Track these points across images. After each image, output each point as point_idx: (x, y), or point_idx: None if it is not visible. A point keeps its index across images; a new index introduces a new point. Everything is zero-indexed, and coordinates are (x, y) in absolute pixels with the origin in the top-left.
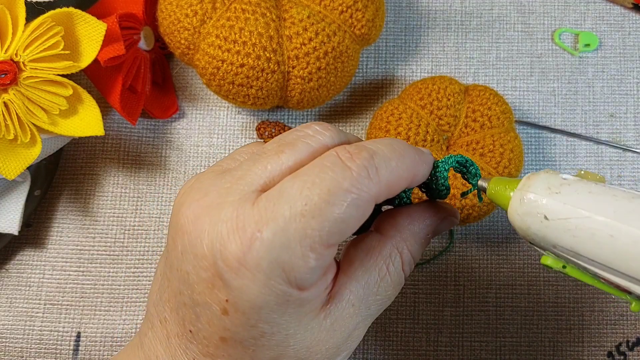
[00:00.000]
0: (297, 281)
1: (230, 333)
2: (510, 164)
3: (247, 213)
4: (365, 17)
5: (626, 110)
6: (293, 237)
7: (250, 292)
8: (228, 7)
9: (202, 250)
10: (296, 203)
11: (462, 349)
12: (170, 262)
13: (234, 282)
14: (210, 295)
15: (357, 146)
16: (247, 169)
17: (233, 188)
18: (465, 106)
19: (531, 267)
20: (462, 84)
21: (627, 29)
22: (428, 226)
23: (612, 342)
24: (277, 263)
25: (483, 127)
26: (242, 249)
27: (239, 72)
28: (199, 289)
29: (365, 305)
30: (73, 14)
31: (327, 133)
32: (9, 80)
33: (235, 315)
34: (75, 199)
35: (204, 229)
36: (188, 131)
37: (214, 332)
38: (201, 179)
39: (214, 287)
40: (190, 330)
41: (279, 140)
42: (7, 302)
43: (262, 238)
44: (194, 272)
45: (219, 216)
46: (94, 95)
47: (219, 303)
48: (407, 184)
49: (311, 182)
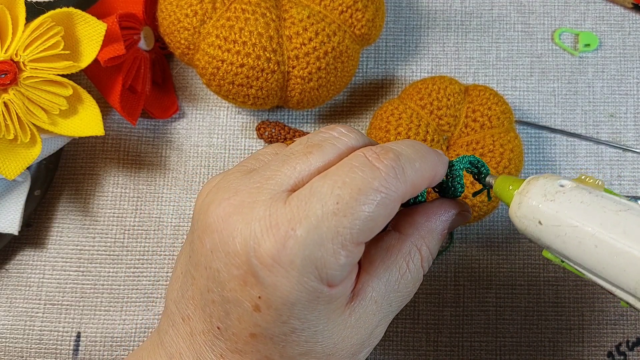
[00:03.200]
0: (328, 278)
1: (260, 329)
2: (510, 164)
3: (280, 212)
4: (365, 17)
5: (626, 110)
6: (326, 235)
7: (284, 288)
8: (228, 7)
9: (234, 248)
10: (328, 202)
11: (462, 349)
12: (196, 260)
13: (268, 279)
14: (242, 292)
15: (383, 147)
16: (276, 169)
17: (263, 187)
18: (465, 106)
19: (531, 267)
20: (462, 84)
21: (627, 29)
22: (444, 222)
23: (612, 342)
24: (310, 260)
25: (483, 127)
26: (276, 246)
27: (239, 72)
28: (230, 286)
29: (387, 301)
30: (73, 14)
31: (352, 135)
32: (9, 80)
33: (268, 311)
34: (75, 199)
35: (236, 227)
36: (188, 131)
37: (244, 329)
38: (228, 177)
39: (246, 284)
40: (218, 327)
41: (306, 141)
42: (7, 302)
43: (295, 236)
44: (225, 270)
45: (252, 215)
46: (94, 95)
47: (250, 300)
48: (428, 184)
49: (342, 181)
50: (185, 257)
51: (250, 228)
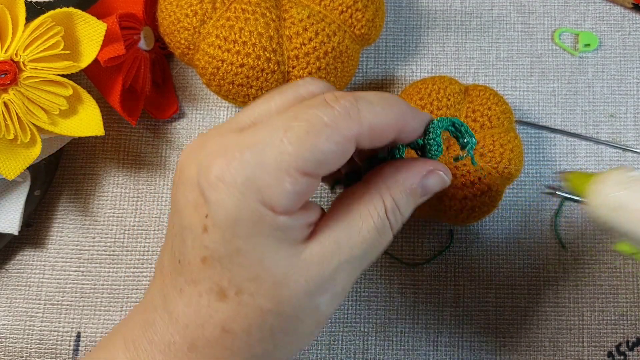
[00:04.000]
0: (271, 202)
1: (209, 251)
2: (510, 164)
3: (231, 139)
4: (365, 17)
5: (626, 110)
6: (269, 158)
7: (226, 205)
8: (228, 7)
9: (189, 174)
10: (277, 130)
11: (462, 349)
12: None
13: (212, 196)
14: (194, 215)
15: (344, 92)
16: (238, 114)
17: (224, 127)
18: (465, 106)
19: (531, 267)
20: (462, 84)
21: (627, 29)
22: (414, 176)
23: (612, 342)
24: (252, 181)
25: (483, 127)
26: (221, 167)
27: (238, 72)
28: (186, 211)
29: (348, 246)
30: (73, 14)
31: (316, 82)
32: (9, 80)
33: (213, 230)
34: (75, 199)
35: (194, 158)
36: (188, 131)
37: (196, 254)
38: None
39: (196, 206)
40: (178, 260)
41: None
42: (7, 302)
43: (240, 158)
44: (183, 197)
45: (208, 146)
46: (94, 95)
47: (200, 221)
48: (395, 133)
49: (294, 115)
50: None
51: (204, 155)
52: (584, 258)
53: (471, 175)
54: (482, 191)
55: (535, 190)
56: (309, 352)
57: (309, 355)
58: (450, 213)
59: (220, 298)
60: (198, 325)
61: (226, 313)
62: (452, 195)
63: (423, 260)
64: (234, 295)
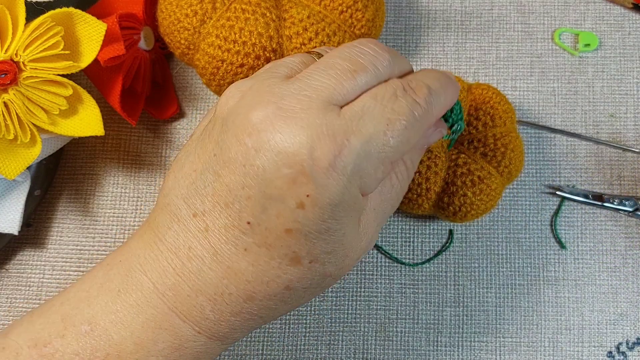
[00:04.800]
0: (365, 188)
1: (299, 225)
2: (510, 164)
3: (335, 122)
4: (365, 17)
5: (626, 110)
6: (374, 150)
7: (333, 190)
8: (228, 7)
9: (289, 148)
10: (380, 123)
11: (462, 349)
12: (227, 158)
13: (321, 180)
14: (288, 189)
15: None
16: (322, 80)
17: (314, 97)
18: (468, 104)
19: (531, 267)
20: (465, 82)
21: (627, 29)
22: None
23: (612, 342)
24: (358, 169)
25: (485, 126)
26: (333, 152)
27: (238, 72)
28: (276, 183)
29: (381, 209)
30: (73, 14)
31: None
32: (9, 80)
33: (312, 209)
34: (75, 199)
35: (291, 130)
36: (188, 131)
37: (281, 224)
38: (266, 82)
39: (295, 182)
40: (248, 222)
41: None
42: (7, 302)
43: (350, 145)
44: (273, 168)
45: (307, 121)
46: (94, 95)
47: (297, 197)
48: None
49: (391, 108)
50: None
51: (307, 133)
52: (584, 258)
53: (471, 174)
54: (482, 190)
55: (535, 190)
56: (309, 352)
57: (309, 355)
58: (449, 210)
59: (293, 264)
60: (262, 282)
61: (295, 275)
62: (452, 193)
63: (423, 260)
64: (308, 263)
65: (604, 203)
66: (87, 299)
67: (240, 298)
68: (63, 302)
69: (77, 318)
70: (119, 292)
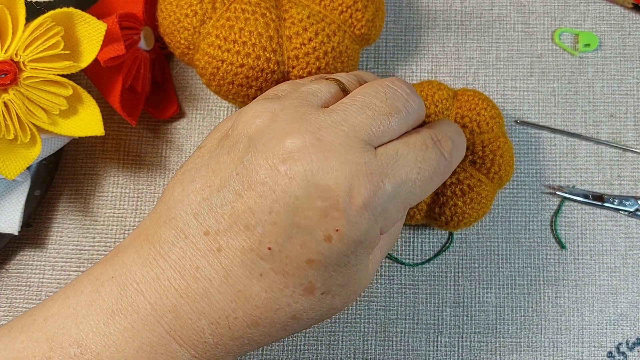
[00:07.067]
0: (384, 229)
1: (321, 257)
2: (500, 170)
3: (373, 163)
4: (365, 17)
5: (626, 110)
6: (402, 195)
7: (361, 228)
8: (228, 7)
9: (326, 182)
10: (411, 170)
11: (462, 349)
12: (254, 180)
13: (353, 217)
14: (318, 222)
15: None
16: (359, 118)
17: (352, 135)
18: (454, 112)
19: (531, 267)
20: (451, 89)
21: (627, 29)
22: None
23: (612, 342)
24: (384, 211)
25: (472, 132)
26: (369, 192)
27: (238, 72)
28: (307, 214)
29: (385, 250)
30: (73, 14)
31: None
32: (9, 80)
33: (339, 244)
34: (75, 199)
35: (330, 163)
36: (188, 131)
37: (304, 254)
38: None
39: (326, 216)
40: (269, 248)
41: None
42: (7, 302)
43: (384, 188)
44: (307, 198)
45: (347, 157)
46: (94, 95)
47: (325, 231)
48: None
49: (422, 157)
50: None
51: (347, 169)
52: (584, 258)
53: (461, 183)
54: (472, 199)
55: (535, 190)
56: (309, 352)
57: (309, 355)
58: (441, 220)
59: (306, 294)
60: (272, 309)
61: (305, 305)
62: (442, 203)
63: (423, 261)
64: (320, 294)
65: (604, 203)
66: (75, 317)
67: (245, 323)
68: (46, 318)
69: (65, 339)
70: (112, 313)
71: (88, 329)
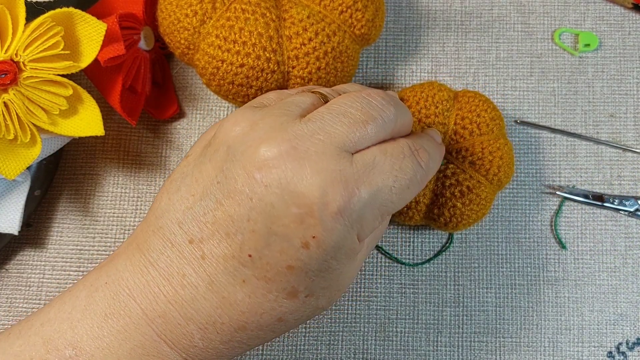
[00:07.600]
0: (361, 234)
1: (301, 263)
2: (499, 171)
3: (349, 170)
4: (365, 17)
5: (626, 110)
6: (378, 202)
7: (338, 235)
8: (228, 7)
9: (300, 189)
10: (388, 178)
11: (462, 348)
12: (233, 189)
13: (329, 224)
14: (295, 229)
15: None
16: (335, 126)
17: (327, 142)
18: (454, 113)
19: (531, 267)
20: (451, 90)
21: (627, 29)
22: None
23: (612, 342)
24: (361, 218)
25: (472, 134)
26: (343, 199)
27: (238, 72)
28: (283, 221)
29: (371, 247)
30: (73, 14)
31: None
32: (9, 80)
33: (317, 250)
34: (75, 199)
35: (304, 171)
36: (188, 131)
37: (283, 261)
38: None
39: (302, 223)
40: (249, 255)
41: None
42: (7, 302)
43: (359, 195)
44: (283, 206)
45: (322, 165)
46: (94, 95)
47: (303, 237)
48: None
49: (399, 166)
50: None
51: (321, 177)
52: (584, 258)
53: (460, 185)
54: (471, 200)
55: (535, 190)
56: (309, 352)
57: (309, 355)
58: (440, 221)
59: (290, 297)
60: (257, 313)
61: (289, 308)
62: (441, 204)
63: (423, 261)
64: (304, 297)
65: (604, 203)
66: (70, 321)
67: (232, 328)
68: (43, 322)
69: (60, 342)
70: (105, 317)
71: (82, 332)
